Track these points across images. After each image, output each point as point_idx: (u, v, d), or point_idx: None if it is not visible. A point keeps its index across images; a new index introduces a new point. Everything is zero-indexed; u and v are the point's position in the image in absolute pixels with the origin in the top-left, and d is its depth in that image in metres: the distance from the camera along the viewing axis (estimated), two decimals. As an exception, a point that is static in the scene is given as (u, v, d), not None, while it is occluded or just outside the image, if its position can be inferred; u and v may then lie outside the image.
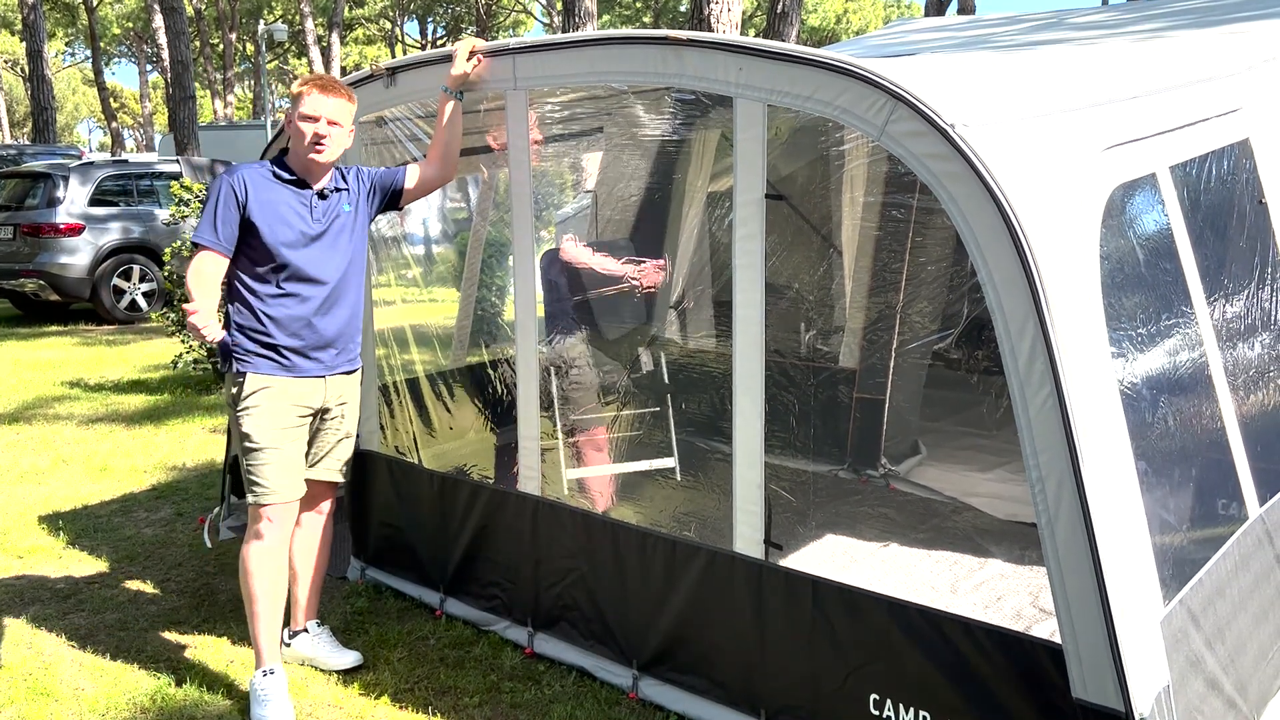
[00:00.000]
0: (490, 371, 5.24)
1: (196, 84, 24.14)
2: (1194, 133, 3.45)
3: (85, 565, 4.76)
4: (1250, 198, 3.80)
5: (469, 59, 3.62)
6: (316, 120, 3.41)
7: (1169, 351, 3.10)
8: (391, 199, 3.73)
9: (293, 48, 44.42)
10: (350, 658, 3.77)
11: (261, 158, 3.73)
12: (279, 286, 3.42)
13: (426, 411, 4.61)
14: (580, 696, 3.53)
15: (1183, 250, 3.24)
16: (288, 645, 3.79)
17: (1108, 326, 2.66)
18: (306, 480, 3.60)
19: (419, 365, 4.67)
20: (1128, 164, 3.02)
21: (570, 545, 3.67)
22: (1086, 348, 2.52)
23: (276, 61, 48.02)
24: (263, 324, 3.42)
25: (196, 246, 3.40)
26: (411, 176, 3.73)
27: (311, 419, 3.57)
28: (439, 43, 45.10)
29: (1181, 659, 2.64)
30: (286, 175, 3.47)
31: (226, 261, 3.42)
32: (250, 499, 3.46)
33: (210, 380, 8.47)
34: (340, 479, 3.77)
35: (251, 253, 3.40)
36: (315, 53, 34.44)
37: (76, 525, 5.27)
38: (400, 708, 3.49)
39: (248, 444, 3.43)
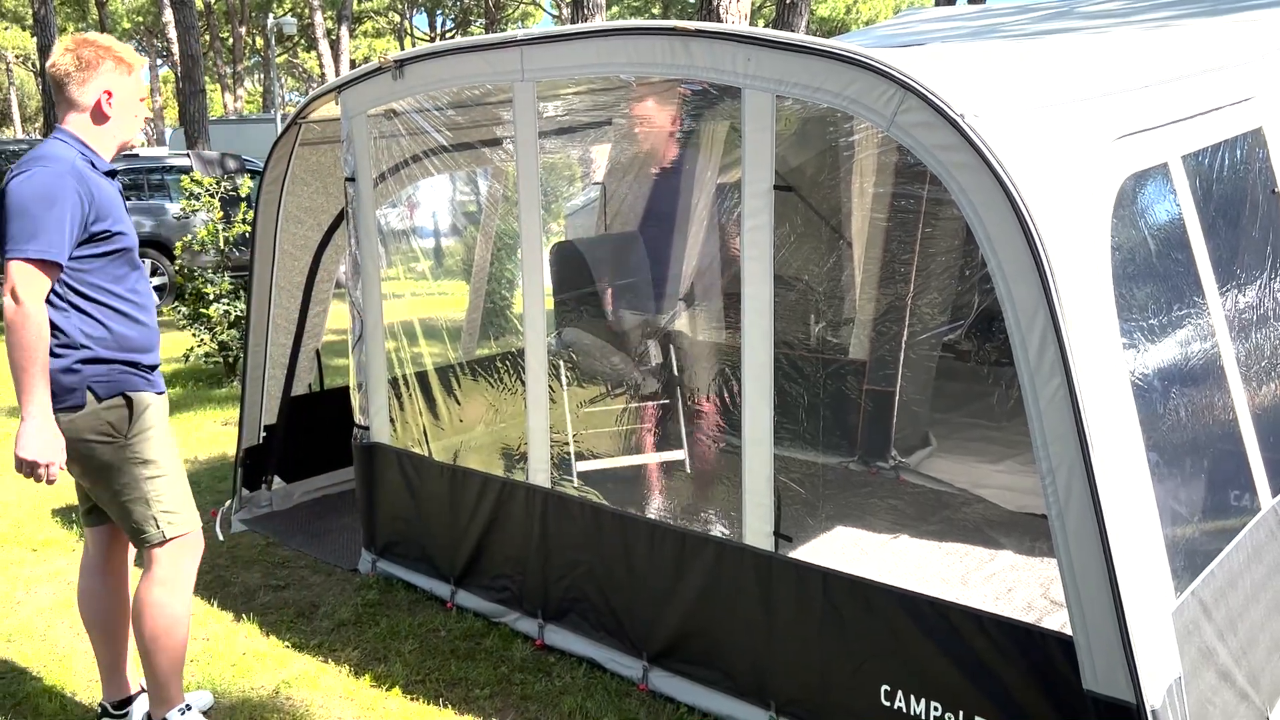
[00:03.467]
0: (500, 364, 5.25)
1: (206, 78, 24.19)
2: (1206, 122, 3.43)
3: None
4: (1263, 187, 3.78)
5: None
6: (145, 98, 3.09)
7: (1181, 342, 3.08)
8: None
9: (302, 41, 44.45)
10: (205, 699, 3.45)
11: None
12: (132, 292, 2.98)
13: (436, 404, 4.62)
14: (590, 688, 3.54)
15: (1195, 240, 3.22)
16: (123, 716, 3.31)
17: (1119, 317, 2.65)
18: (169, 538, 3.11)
19: (428, 358, 4.68)
20: (1139, 154, 3.00)
21: (579, 537, 3.67)
22: (1097, 338, 2.51)
23: (286, 55, 48.06)
24: (119, 339, 2.94)
25: (38, 264, 2.74)
26: None
27: None
28: (447, 35, 45.06)
29: (1193, 650, 2.64)
30: (102, 165, 2.97)
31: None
32: (170, 532, 3.03)
33: (221, 374, 8.50)
34: None
35: (98, 260, 2.89)
36: (324, 46, 34.44)
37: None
38: (411, 699, 3.51)
39: (154, 470, 3.02)
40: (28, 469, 2.81)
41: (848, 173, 5.15)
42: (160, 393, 3.11)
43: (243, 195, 8.88)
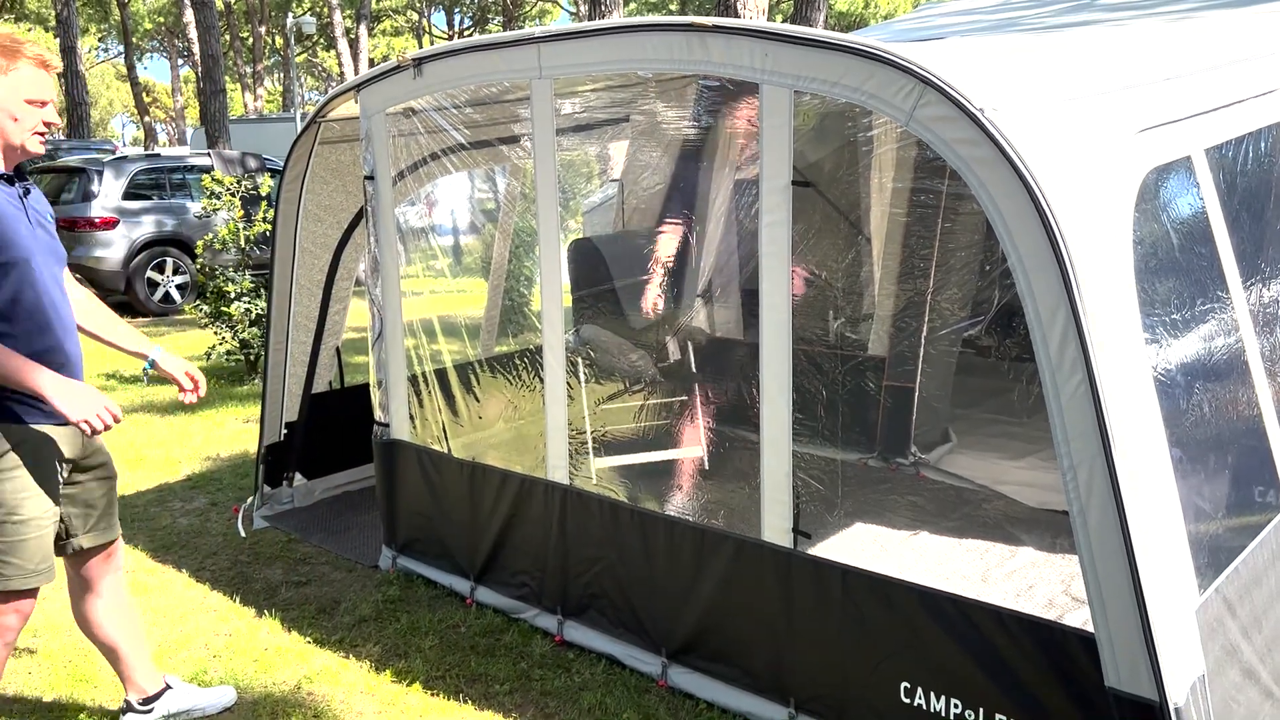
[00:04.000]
0: (519, 361, 5.26)
1: (227, 78, 24.34)
2: (1230, 114, 3.39)
3: (122, 554, 4.82)
4: (1288, 180, 3.73)
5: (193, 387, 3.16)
6: (46, 105, 2.80)
7: (1204, 337, 3.05)
8: None
9: (321, 40, 44.67)
10: (228, 695, 3.43)
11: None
12: (24, 309, 2.74)
13: (455, 401, 4.63)
14: (610, 684, 3.54)
15: (1218, 234, 3.18)
16: (148, 713, 3.29)
17: (1141, 312, 2.62)
18: (87, 549, 3.05)
19: (447, 356, 4.69)
20: (1162, 147, 2.97)
21: (598, 534, 3.68)
22: (1119, 334, 2.49)
23: (305, 54, 48.30)
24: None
25: None
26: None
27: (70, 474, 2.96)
28: (466, 33, 45.16)
29: (1217, 648, 2.61)
30: None
31: None
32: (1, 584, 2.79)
33: (243, 371, 8.56)
34: (119, 529, 3.19)
35: None
36: (343, 45, 34.60)
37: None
38: (432, 694, 3.53)
39: (3, 512, 2.76)
40: (89, 427, 2.69)
41: (866, 168, 5.13)
42: (62, 424, 2.82)
43: (263, 194, 8.92)
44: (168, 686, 3.33)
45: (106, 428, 2.72)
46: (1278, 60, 3.89)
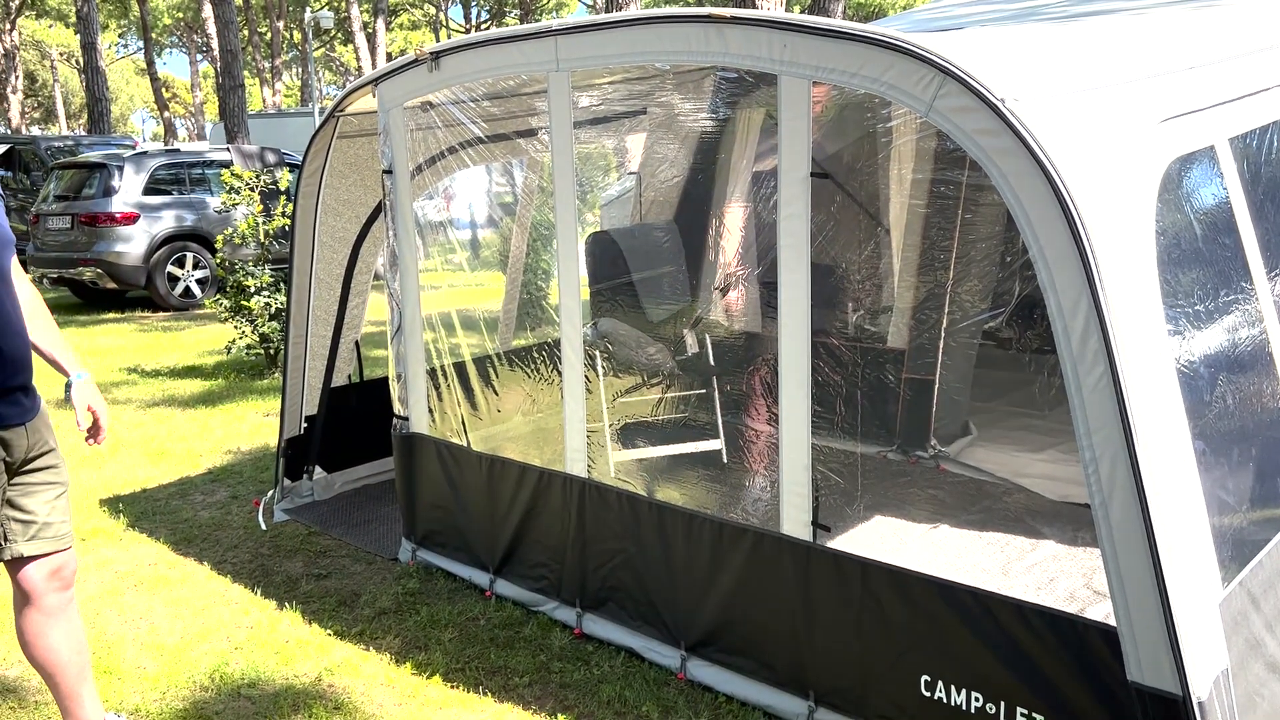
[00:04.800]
0: (537, 354, 5.26)
1: (245, 72, 24.45)
2: (1254, 103, 3.35)
3: (145, 547, 4.87)
4: (1314, 169, 3.69)
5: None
6: None
7: (1228, 329, 3.02)
8: None
9: (339, 35, 44.79)
10: None
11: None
12: None
13: (474, 394, 4.65)
14: (629, 676, 3.55)
15: (1242, 224, 3.15)
16: None
17: (1164, 303, 2.60)
18: (27, 556, 2.84)
19: (466, 349, 4.71)
20: (1185, 136, 2.94)
21: (617, 527, 3.68)
22: (1142, 325, 2.47)
23: (323, 49, 48.46)
24: None
25: None
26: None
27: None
28: (482, 27, 45.19)
29: (1241, 642, 2.59)
30: None
31: None
32: None
33: (263, 365, 8.61)
34: (70, 542, 2.94)
35: None
36: (361, 39, 34.68)
37: (136, 508, 5.40)
38: (451, 687, 3.54)
39: None
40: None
41: (886, 159, 5.11)
42: (7, 424, 2.72)
43: (282, 189, 8.97)
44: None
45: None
46: (1303, 48, 3.84)
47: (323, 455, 5.40)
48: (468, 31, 44.78)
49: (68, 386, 2.95)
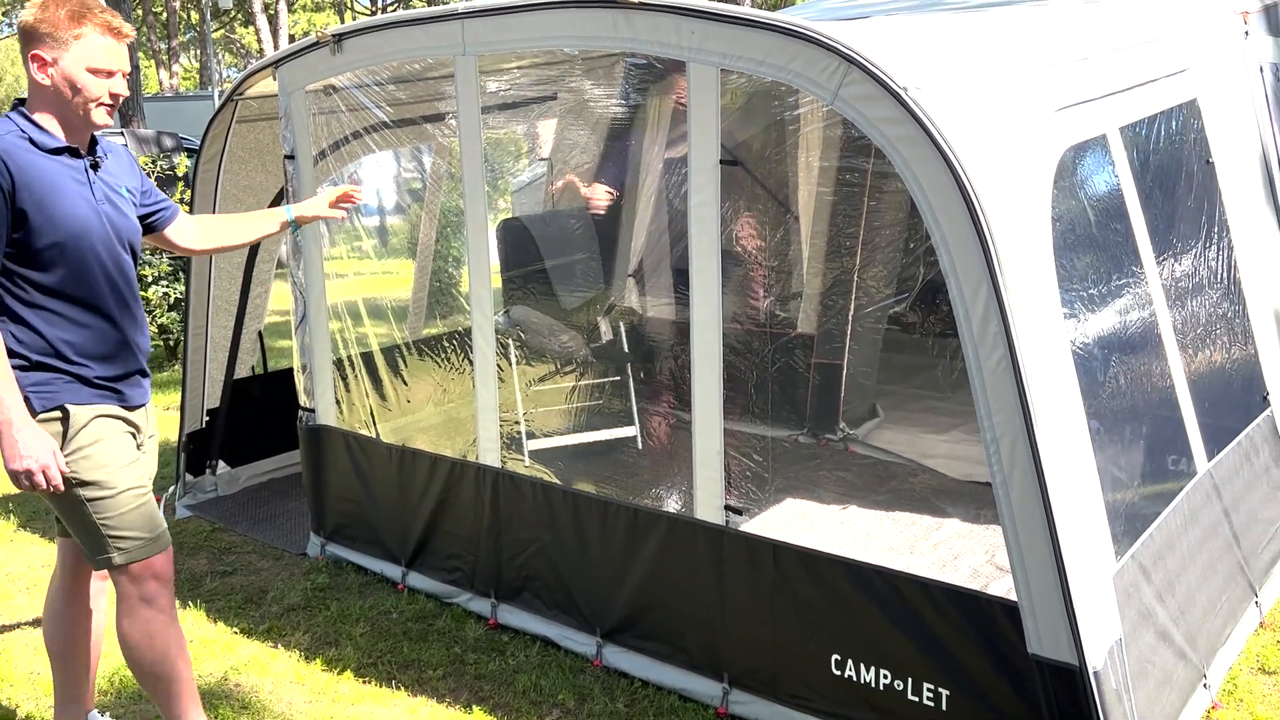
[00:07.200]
0: (448, 343, 5.19)
1: (140, 54, 23.55)
2: (1143, 93, 3.48)
3: (37, 548, 4.68)
4: (1198, 157, 3.85)
5: (335, 205, 3.28)
6: (113, 75, 2.65)
7: (1119, 311, 3.14)
8: (143, 227, 2.91)
9: (239, 16, 43.42)
10: None
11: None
12: (78, 290, 2.63)
13: (383, 385, 4.57)
14: (544, 666, 3.54)
15: (1133, 210, 3.27)
16: None
17: (1059, 287, 2.69)
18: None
19: (374, 339, 4.62)
20: (1079, 125, 3.04)
21: (531, 516, 3.66)
22: (1039, 309, 2.55)
23: (223, 30, 46.93)
24: (55, 344, 2.62)
25: None
26: (175, 225, 3.02)
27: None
28: (389, 9, 44.29)
29: (1133, 612, 2.70)
30: (50, 142, 2.61)
31: None
32: (119, 559, 2.70)
33: (161, 358, 8.32)
34: None
35: (27, 255, 2.56)
36: (262, 20, 33.67)
37: (26, 509, 5.17)
38: (364, 682, 3.48)
39: (95, 492, 2.66)
40: (26, 479, 2.52)
41: (794, 147, 5.16)
42: (133, 406, 2.77)
43: (180, 174, 8.66)
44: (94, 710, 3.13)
45: (33, 489, 2.55)
46: (1188, 40, 4.00)
47: (226, 449, 5.26)
48: (374, 14, 43.86)
49: (295, 224, 3.31)
